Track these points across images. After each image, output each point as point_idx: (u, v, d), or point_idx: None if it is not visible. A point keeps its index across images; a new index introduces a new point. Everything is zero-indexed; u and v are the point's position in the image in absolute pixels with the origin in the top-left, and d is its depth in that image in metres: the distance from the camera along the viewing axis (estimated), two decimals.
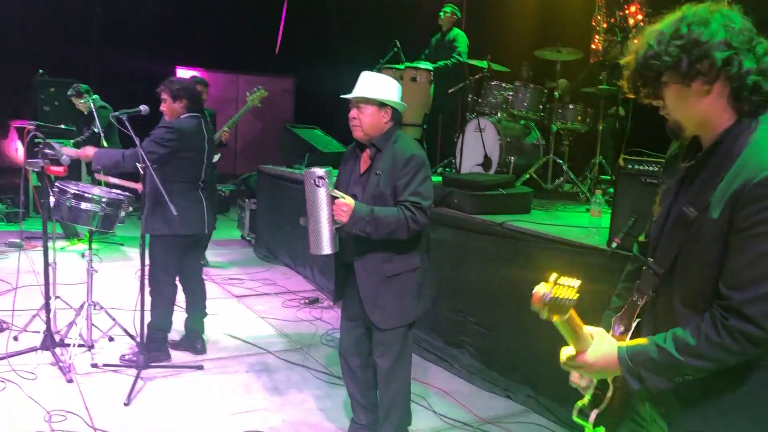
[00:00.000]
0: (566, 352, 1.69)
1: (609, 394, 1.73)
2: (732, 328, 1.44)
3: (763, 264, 1.42)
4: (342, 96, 2.98)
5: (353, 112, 2.89)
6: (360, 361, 3.13)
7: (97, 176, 5.48)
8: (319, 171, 2.72)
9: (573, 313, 1.53)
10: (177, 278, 4.20)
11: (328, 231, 2.75)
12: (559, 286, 1.46)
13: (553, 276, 1.46)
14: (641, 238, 1.92)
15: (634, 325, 1.72)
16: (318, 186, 2.71)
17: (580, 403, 1.79)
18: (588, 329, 1.65)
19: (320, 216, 2.74)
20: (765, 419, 1.53)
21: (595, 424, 1.74)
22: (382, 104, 2.87)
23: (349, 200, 2.74)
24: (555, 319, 1.51)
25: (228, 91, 10.76)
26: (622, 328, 1.74)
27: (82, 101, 6.94)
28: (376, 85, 2.89)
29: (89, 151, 4.11)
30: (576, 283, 1.47)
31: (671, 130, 1.61)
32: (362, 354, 3.12)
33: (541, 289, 1.46)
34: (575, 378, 1.80)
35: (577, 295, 1.47)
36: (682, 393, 1.58)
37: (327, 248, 2.78)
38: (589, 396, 1.77)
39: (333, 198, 2.74)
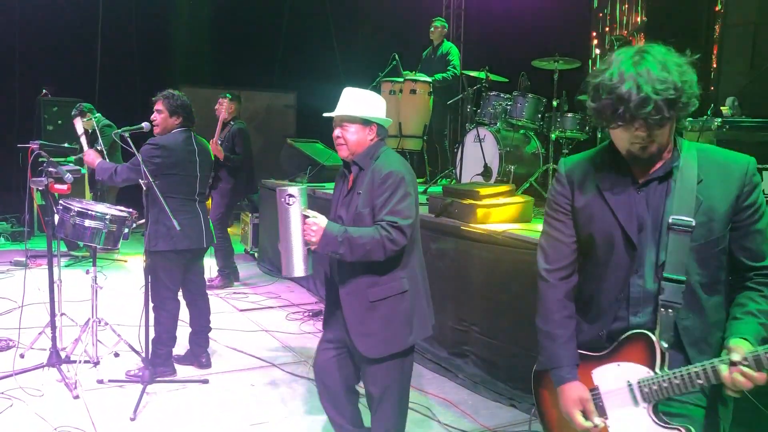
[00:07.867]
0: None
1: None
2: None
3: None
4: (324, 114, 2.82)
5: (336, 131, 2.74)
6: (339, 379, 2.84)
7: None
8: (290, 189, 2.57)
9: None
10: (180, 293, 4.24)
11: (301, 252, 2.59)
12: None
13: None
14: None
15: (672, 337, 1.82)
16: (288, 204, 2.56)
17: None
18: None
19: (290, 236, 2.58)
20: None
21: None
22: (366, 121, 2.72)
23: (320, 220, 2.56)
24: None
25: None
26: (666, 345, 1.80)
27: (86, 119, 7.01)
28: (359, 102, 2.74)
29: (90, 156, 4.19)
30: None
31: (642, 157, 1.79)
32: (342, 372, 2.84)
33: None
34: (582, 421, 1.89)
35: None
36: None
37: (299, 270, 2.60)
38: None
39: (305, 217, 2.58)
